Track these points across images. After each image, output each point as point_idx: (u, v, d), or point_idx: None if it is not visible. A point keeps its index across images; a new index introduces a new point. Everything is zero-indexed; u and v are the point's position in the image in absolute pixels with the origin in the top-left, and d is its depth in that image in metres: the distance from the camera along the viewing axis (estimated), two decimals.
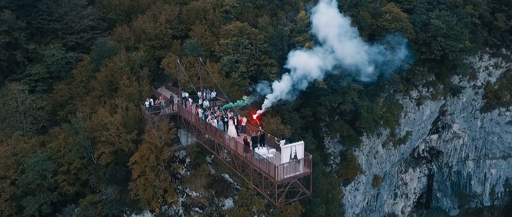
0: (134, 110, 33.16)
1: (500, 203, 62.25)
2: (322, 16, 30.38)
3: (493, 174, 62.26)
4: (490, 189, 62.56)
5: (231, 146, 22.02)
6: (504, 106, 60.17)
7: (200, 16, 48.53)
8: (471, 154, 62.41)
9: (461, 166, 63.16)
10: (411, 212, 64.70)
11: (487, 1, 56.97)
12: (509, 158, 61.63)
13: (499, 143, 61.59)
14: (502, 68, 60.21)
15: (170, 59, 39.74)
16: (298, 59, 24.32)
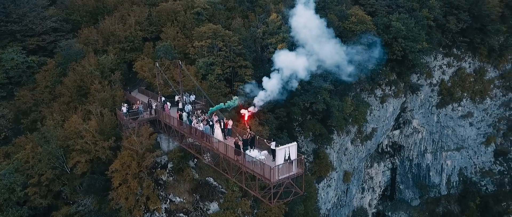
0: (109, 116, 32.03)
1: (455, 191, 67.37)
2: (300, 18, 31.37)
3: (449, 165, 67.24)
4: (446, 179, 67.48)
5: (220, 150, 22.13)
6: (457, 101, 65.16)
7: (171, 18, 47.77)
8: (429, 147, 66.88)
9: (420, 158, 67.46)
10: (377, 204, 68.13)
11: (440, 5, 61.27)
12: (462, 149, 66.92)
13: (453, 136, 66.63)
14: (454, 67, 65.11)
15: (143, 62, 38.78)
16: (285, 58, 24.86)
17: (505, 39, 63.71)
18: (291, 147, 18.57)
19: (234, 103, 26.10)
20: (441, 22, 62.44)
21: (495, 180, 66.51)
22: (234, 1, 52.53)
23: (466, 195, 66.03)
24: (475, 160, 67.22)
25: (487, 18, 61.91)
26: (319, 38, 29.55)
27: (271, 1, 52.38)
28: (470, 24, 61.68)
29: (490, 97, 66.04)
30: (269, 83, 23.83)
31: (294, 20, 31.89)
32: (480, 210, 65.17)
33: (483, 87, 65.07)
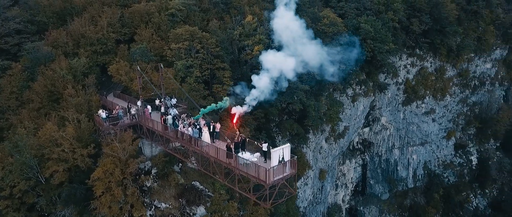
0: (86, 122, 30.80)
1: (421, 184, 71.26)
2: (281, 20, 31.90)
3: (415, 159, 71.02)
4: (412, 172, 71.22)
5: (211, 153, 22.11)
6: (420, 99, 68.91)
7: (144, 19, 46.66)
8: (396, 143, 70.22)
9: (389, 154, 70.65)
10: (350, 200, 70.50)
11: (404, 8, 64.52)
12: (426, 144, 70.93)
13: (417, 132, 70.43)
14: (417, 66, 68.80)
15: (119, 65, 37.60)
16: (274, 59, 25.10)
17: (462, 40, 68.17)
18: (285, 148, 19.00)
19: (225, 104, 26.09)
20: (405, 24, 65.72)
21: (455, 172, 71.14)
22: (208, 2, 52.25)
23: (430, 187, 70.02)
24: (438, 153, 71.50)
25: (445, 21, 65.93)
26: (301, 39, 30.24)
27: (246, 3, 52.70)
28: (431, 26, 65.41)
29: (450, 94, 70.51)
30: (261, 81, 23.99)
31: (275, 22, 32.35)
32: (443, 201, 69.41)
33: (443, 85, 69.32)
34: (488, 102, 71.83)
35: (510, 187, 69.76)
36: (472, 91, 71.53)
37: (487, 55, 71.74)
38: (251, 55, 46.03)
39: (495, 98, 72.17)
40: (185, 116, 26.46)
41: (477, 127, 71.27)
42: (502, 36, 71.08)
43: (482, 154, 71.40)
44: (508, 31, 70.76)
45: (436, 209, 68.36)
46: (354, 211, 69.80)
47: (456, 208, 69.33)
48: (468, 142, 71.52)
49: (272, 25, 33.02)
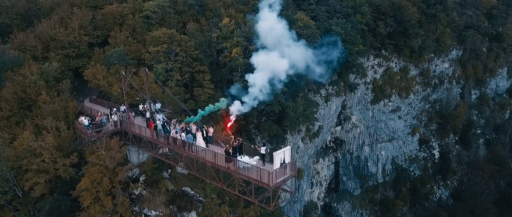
0: (65, 130, 29.31)
1: (389, 179, 74.81)
2: (266, 22, 32.25)
3: (383, 155, 74.44)
4: (382, 168, 74.60)
5: (208, 158, 21.99)
6: (387, 98, 72.39)
7: (118, 22, 45.19)
8: (366, 140, 73.22)
9: (359, 151, 73.49)
10: (324, 197, 72.50)
11: (371, 11, 67.50)
12: (393, 140, 74.61)
13: (385, 129, 73.90)
14: (384, 67, 72.20)
15: (96, 69, 36.06)
16: (268, 59, 25.13)
17: (423, 41, 72.46)
18: (286, 151, 19.39)
19: (222, 105, 25.88)
20: (372, 26, 68.76)
21: (420, 166, 75.47)
22: (183, 4, 51.58)
23: (398, 181, 73.70)
24: (404, 149, 75.46)
25: (408, 23, 69.77)
26: (286, 40, 30.76)
27: (221, 6, 52.61)
28: (395, 28, 68.94)
29: (413, 93, 74.68)
30: (256, 79, 23.95)
31: (259, 25, 32.64)
32: (410, 193, 73.35)
33: (407, 84, 73.28)
34: (447, 99, 76.97)
35: (468, 178, 75.19)
36: (432, 89, 76.22)
37: (445, 56, 76.79)
38: (229, 57, 46.11)
39: (453, 96, 77.47)
40: (175, 121, 26.02)
41: (438, 123, 76.08)
42: (457, 37, 76.39)
43: (443, 148, 76.36)
44: (462, 33, 76.15)
45: (404, 202, 72.06)
46: (328, 208, 71.87)
47: (422, 200, 73.55)
48: (431, 137, 76.14)
49: (257, 28, 33.22)
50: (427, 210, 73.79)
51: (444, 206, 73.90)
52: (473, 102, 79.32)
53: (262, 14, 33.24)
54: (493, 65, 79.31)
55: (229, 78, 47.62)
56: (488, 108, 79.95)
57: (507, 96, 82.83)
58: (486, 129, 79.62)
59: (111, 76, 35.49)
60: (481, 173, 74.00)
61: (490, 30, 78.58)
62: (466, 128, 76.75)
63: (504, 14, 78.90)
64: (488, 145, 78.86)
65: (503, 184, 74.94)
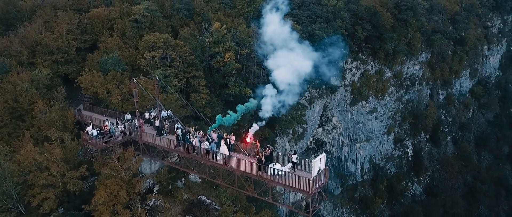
0: (69, 140, 27.82)
1: (368, 177, 77.94)
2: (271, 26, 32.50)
3: (362, 154, 77.44)
4: (360, 167, 77.56)
5: (237, 167, 21.95)
6: (365, 99, 75.46)
7: (106, 26, 43.46)
8: (346, 140, 75.81)
9: (339, 151, 75.91)
10: (306, 197, 73.96)
11: (349, 16, 70.14)
12: (371, 140, 77.87)
13: (363, 129, 76.97)
14: (361, 69, 75.24)
15: (93, 76, 34.43)
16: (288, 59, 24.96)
17: (396, 45, 76.40)
18: (322, 158, 19.91)
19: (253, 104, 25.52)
20: (350, 31, 71.50)
21: (396, 164, 79.39)
22: (171, 8, 50.63)
23: (376, 179, 77.00)
24: (381, 148, 79.00)
25: (383, 28, 73.28)
26: (291, 43, 31.18)
27: (210, 10, 52.26)
28: (371, 33, 72.18)
29: (388, 94, 78.47)
30: (282, 74, 23.64)
31: (265, 29, 32.78)
32: (388, 190, 76.88)
33: (383, 86, 76.87)
34: (418, 100, 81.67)
35: (439, 174, 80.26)
36: (405, 90, 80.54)
37: (416, 58, 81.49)
38: (222, 62, 45.98)
39: (423, 96, 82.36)
40: (192, 130, 25.64)
41: (411, 123, 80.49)
42: (426, 41, 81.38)
43: (416, 146, 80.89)
44: (430, 37, 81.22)
45: (382, 199, 75.37)
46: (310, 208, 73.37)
47: (398, 196, 77.36)
48: (404, 136, 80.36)
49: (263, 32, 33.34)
50: (403, 205, 77.70)
51: (418, 201, 78.25)
52: (441, 102, 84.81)
53: (266, 18, 33.41)
54: (457, 67, 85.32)
55: (223, 83, 47.47)
56: (454, 108, 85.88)
57: (470, 96, 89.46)
58: (452, 127, 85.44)
59: (109, 83, 34.10)
60: (450, 169, 79.24)
61: (454, 34, 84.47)
62: (436, 127, 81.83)
63: (466, 19, 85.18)
64: (455, 142, 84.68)
65: (470, 178, 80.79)
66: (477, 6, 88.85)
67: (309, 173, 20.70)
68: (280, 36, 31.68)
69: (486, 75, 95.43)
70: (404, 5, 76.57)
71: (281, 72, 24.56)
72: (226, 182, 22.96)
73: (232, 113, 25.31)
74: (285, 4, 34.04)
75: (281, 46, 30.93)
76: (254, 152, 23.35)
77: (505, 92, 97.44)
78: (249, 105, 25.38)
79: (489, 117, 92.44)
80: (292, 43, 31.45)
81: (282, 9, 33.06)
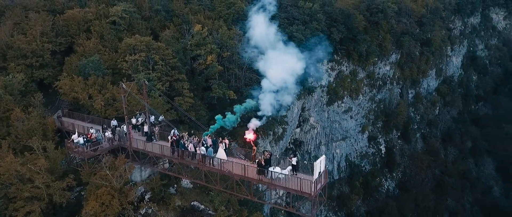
0: (53, 150, 26.45)
1: (344, 175, 79.99)
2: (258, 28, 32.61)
3: (338, 153, 79.37)
4: (337, 165, 79.50)
5: (236, 172, 21.88)
6: (340, 99, 77.42)
7: (82, 28, 41.72)
8: (323, 140, 77.40)
9: (317, 151, 77.34)
10: (286, 198, 74.79)
11: (325, 18, 71.74)
12: (347, 139, 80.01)
13: (339, 128, 78.95)
14: (336, 70, 77.13)
15: (73, 81, 32.89)
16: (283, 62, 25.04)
17: (368, 46, 79.01)
18: (322, 160, 20.29)
19: (251, 104, 25.32)
20: (326, 32, 73.13)
21: (370, 161, 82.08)
22: (149, 10, 49.47)
23: (352, 176, 79.21)
24: (356, 146, 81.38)
25: (356, 30, 75.56)
26: (278, 44, 31.45)
27: (189, 12, 51.57)
28: (346, 35, 74.24)
29: (362, 94, 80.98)
30: (276, 74, 23.71)
31: (252, 32, 32.86)
32: (363, 187, 79.30)
33: (357, 86, 79.24)
34: (389, 98, 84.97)
35: (410, 169, 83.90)
36: (377, 90, 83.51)
37: (386, 59, 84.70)
38: (204, 64, 45.57)
39: (394, 95, 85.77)
40: (186, 135, 25.23)
41: (383, 121, 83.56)
42: (396, 42, 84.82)
43: (388, 143, 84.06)
44: (400, 38, 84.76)
45: (358, 196, 77.64)
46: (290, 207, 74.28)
47: (373, 192, 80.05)
48: (378, 134, 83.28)
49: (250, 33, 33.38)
50: (378, 201, 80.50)
51: (391, 196, 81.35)
52: (410, 101, 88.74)
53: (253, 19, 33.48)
54: (424, 67, 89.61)
55: (205, 86, 47.01)
56: (422, 106, 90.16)
57: (436, 94, 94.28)
58: (421, 124, 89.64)
59: (90, 88, 32.77)
60: (420, 164, 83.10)
61: (421, 36, 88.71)
62: (406, 124, 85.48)
63: (431, 22, 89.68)
64: (424, 138, 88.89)
65: (438, 172, 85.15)
66: (441, 9, 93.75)
67: (308, 175, 21.04)
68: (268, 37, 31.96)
69: (450, 74, 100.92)
70: (375, 8, 79.34)
71: (275, 72, 24.70)
72: (222, 187, 22.80)
73: (231, 115, 25.15)
74: (273, 5, 34.25)
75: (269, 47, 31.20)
76: (251, 156, 23.36)
77: (467, 90, 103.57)
78: (247, 105, 25.30)
79: (453, 114, 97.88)
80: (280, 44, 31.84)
81: (270, 10, 33.32)
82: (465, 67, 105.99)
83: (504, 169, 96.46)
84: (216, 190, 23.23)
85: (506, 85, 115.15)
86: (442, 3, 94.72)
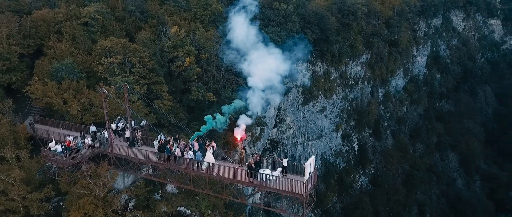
0: (27, 159, 25.02)
1: (320, 173, 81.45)
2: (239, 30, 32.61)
3: (314, 151, 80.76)
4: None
5: (226, 175, 21.74)
6: (315, 99, 78.87)
7: (52, 29, 39.79)
8: (299, 139, 78.52)
9: (293, 150, 78.34)
10: (264, 197, 75.19)
11: (299, 20, 72.82)
12: (322, 137, 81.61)
13: (315, 127, 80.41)
14: (311, 71, 78.54)
15: (46, 86, 31.23)
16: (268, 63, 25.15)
17: (341, 47, 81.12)
18: (312, 161, 20.60)
19: (239, 104, 25.12)
20: (300, 34, 74.22)
21: (344, 158, 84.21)
22: (123, 11, 47.96)
23: (327, 174, 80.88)
24: (331, 144, 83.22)
25: (329, 31, 77.26)
26: (257, 45, 31.59)
27: (165, 13, 50.55)
28: (319, 36, 75.76)
29: (335, 93, 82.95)
30: (261, 72, 23.80)
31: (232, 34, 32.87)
32: (338, 184, 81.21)
33: (330, 86, 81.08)
34: (361, 97, 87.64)
35: (382, 165, 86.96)
36: (350, 89, 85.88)
37: (358, 59, 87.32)
38: (182, 67, 44.90)
39: (365, 94, 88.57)
40: (171, 139, 24.73)
41: (356, 119, 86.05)
42: (366, 43, 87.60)
43: (361, 141, 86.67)
44: (369, 39, 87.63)
45: (333, 193, 79.41)
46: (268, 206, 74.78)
47: (348, 189, 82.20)
48: (351, 132, 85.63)
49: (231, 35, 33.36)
50: (352, 197, 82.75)
51: (365, 192, 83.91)
52: (381, 99, 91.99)
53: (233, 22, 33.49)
54: (393, 67, 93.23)
55: (183, 88, 46.28)
56: (391, 104, 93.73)
57: (404, 92, 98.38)
58: (391, 122, 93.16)
59: (65, 93, 31.31)
60: (390, 160, 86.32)
61: (389, 37, 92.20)
62: (377, 122, 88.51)
63: (398, 23, 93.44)
64: (394, 135, 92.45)
65: (407, 167, 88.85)
66: (406, 11, 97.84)
67: (297, 175, 21.31)
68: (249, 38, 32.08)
69: (415, 73, 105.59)
70: (347, 9, 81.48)
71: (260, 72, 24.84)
72: (209, 190, 22.60)
73: (220, 116, 24.97)
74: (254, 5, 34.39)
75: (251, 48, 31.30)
76: (239, 159, 23.32)
77: (431, 88, 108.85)
78: (236, 105, 25.23)
79: (420, 111, 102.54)
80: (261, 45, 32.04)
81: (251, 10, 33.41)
82: (429, 66, 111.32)
83: (465, 162, 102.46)
84: (205, 194, 22.93)
85: (465, 83, 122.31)
86: (407, 6, 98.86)
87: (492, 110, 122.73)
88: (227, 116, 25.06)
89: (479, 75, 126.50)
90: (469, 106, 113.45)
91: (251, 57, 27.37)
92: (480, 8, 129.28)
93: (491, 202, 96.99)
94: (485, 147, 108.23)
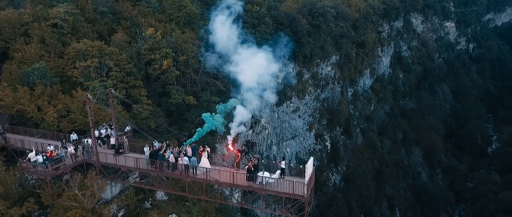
0: (3, 172, 23.11)
1: (295, 173, 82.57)
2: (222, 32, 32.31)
3: (288, 151, 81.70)
4: (288, 163, 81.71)
5: (224, 180, 21.36)
6: (289, 100, 79.83)
7: (18, 31, 37.17)
8: (274, 140, 79.10)
9: (269, 151, 78.80)
10: (241, 198, 74.97)
11: (272, 22, 73.45)
12: (296, 137, 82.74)
13: (289, 128, 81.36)
14: (284, 72, 79.41)
15: (16, 93, 29.00)
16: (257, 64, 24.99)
17: (312, 49, 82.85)
18: (310, 162, 20.77)
19: (235, 102, 24.63)
20: (274, 36, 74.83)
21: (317, 157, 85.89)
22: (94, 12, 45.82)
23: (302, 174, 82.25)
24: (305, 144, 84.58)
25: (301, 33, 78.74)
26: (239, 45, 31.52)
27: (139, 14, 48.94)
28: (292, 38, 76.87)
29: (308, 94, 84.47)
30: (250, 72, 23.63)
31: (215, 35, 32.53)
32: None
33: (303, 86, 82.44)
34: (332, 97, 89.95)
35: (353, 162, 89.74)
36: (321, 89, 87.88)
37: (328, 60, 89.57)
38: (160, 70, 43.74)
39: (336, 94, 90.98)
40: (164, 145, 23.91)
41: (328, 118, 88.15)
42: (335, 45, 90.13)
43: (333, 140, 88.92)
44: (338, 41, 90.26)
45: None
46: (245, 208, 74.63)
47: (322, 187, 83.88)
48: (323, 131, 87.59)
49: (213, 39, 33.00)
50: (326, 194, 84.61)
51: (338, 189, 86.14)
52: (350, 99, 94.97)
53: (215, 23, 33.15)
54: (360, 67, 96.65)
55: (161, 92, 45.04)
56: (360, 103, 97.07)
57: (371, 91, 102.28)
58: (360, 120, 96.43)
59: (39, 99, 29.32)
60: (361, 157, 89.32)
61: (356, 38, 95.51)
62: (347, 121, 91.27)
63: (364, 25, 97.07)
64: (363, 133, 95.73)
65: (377, 163, 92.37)
66: (371, 14, 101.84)
67: (297, 177, 21.40)
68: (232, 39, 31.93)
69: (381, 73, 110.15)
70: (316, 12, 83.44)
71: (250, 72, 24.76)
72: (205, 196, 22.14)
73: (217, 116, 24.49)
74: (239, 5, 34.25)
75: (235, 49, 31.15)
76: (234, 163, 23.05)
77: (395, 87, 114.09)
78: (231, 104, 24.88)
79: (386, 109, 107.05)
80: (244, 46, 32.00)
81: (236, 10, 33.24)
82: (393, 66, 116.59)
83: (428, 156, 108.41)
84: (196, 200, 22.39)
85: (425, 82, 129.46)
86: (372, 8, 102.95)
87: (449, 107, 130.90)
88: (223, 116, 24.66)
89: (437, 74, 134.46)
90: (430, 103, 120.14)
91: (240, 58, 27.21)
92: (437, 11, 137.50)
93: (452, 193, 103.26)
94: (445, 142, 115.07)
